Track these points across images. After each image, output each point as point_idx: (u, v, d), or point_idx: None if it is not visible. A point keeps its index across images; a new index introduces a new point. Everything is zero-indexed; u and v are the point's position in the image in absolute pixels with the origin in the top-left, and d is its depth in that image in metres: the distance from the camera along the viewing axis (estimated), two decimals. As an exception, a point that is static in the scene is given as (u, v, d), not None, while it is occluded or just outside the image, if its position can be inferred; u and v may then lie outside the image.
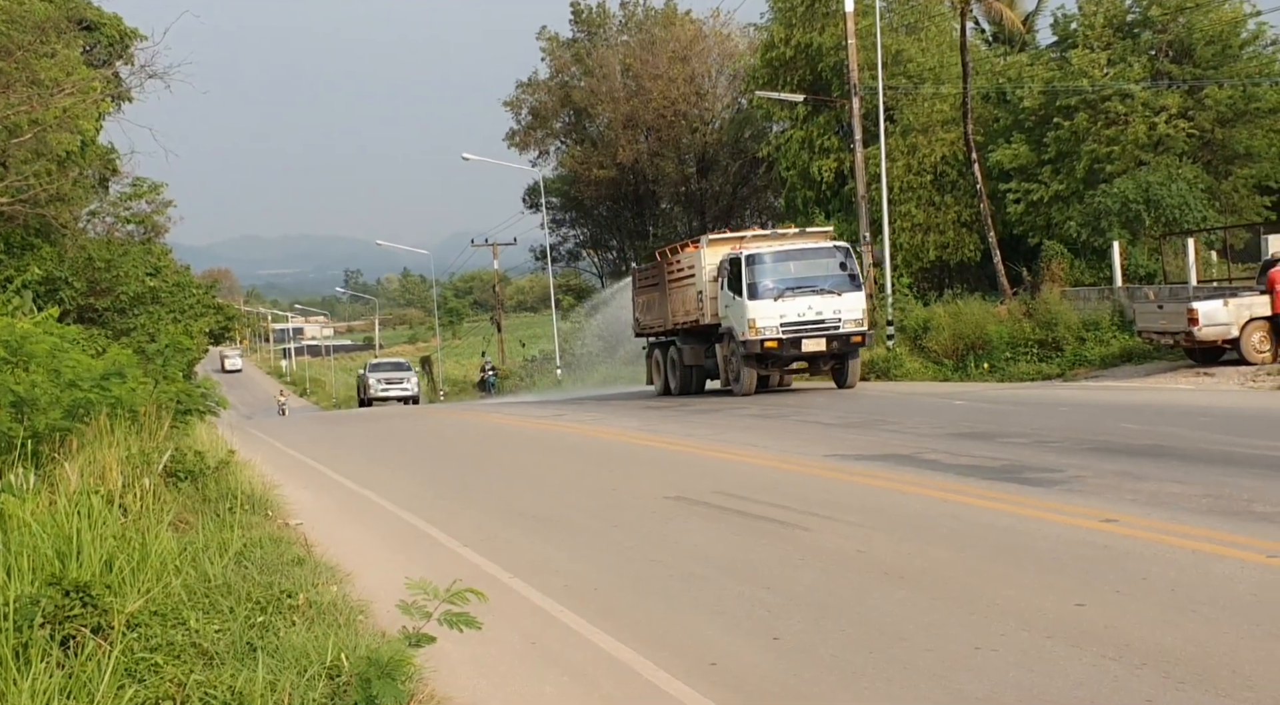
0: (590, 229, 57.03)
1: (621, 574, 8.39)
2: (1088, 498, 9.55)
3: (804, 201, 38.76)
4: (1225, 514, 8.55)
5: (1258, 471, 10.20)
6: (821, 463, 12.92)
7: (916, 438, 14.57)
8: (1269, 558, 7.19)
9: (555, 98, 53.79)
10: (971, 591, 7.04)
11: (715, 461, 14.08)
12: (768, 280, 23.29)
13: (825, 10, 36.96)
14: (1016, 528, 8.71)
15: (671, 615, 7.20)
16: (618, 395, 31.36)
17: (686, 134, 50.21)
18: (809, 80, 37.91)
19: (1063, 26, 34.97)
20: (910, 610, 6.78)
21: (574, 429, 20.99)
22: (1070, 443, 12.86)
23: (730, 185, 51.21)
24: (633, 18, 53.66)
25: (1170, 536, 7.95)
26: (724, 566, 8.25)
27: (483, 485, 13.83)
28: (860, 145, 31.29)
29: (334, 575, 8.21)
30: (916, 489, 10.64)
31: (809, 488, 11.39)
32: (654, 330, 28.86)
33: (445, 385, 61.43)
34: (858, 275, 23.94)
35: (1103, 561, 7.48)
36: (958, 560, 7.89)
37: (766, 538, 9.12)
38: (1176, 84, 31.39)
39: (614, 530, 10.00)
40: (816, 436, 15.81)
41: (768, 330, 23.12)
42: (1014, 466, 11.54)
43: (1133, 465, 11.05)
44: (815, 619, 6.78)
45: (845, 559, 8.14)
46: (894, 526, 9.14)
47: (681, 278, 26.45)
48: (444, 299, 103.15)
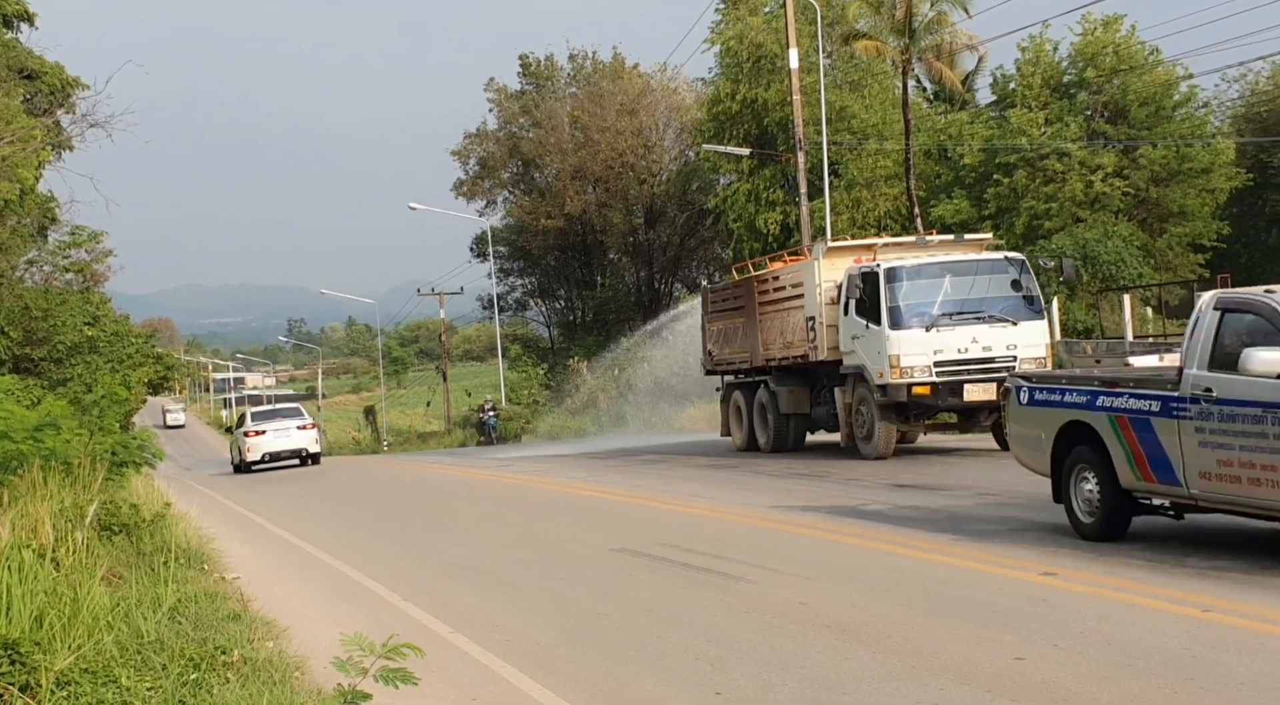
0: (538, 278, 57.07)
1: (563, 628, 8.33)
2: (1028, 550, 9.63)
3: (750, 253, 38.98)
4: (1161, 568, 8.65)
5: (1193, 527, 10.34)
6: (767, 514, 12.94)
7: (862, 489, 14.64)
8: (1203, 612, 7.28)
9: (503, 148, 53.98)
10: (913, 645, 7.06)
11: (660, 513, 14.06)
12: (918, 303, 17.51)
13: (771, 67, 37.49)
14: (957, 579, 8.76)
15: (614, 670, 7.15)
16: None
17: (634, 185, 50.55)
18: (755, 134, 38.37)
19: (1001, 86, 35.71)
20: (852, 664, 6.78)
21: (519, 480, 20.87)
22: (1009, 495, 12.98)
23: (678, 236, 51.52)
24: (581, 70, 54.09)
25: (1107, 590, 8.04)
26: (667, 619, 8.21)
27: (424, 538, 13.69)
28: (805, 199, 31.64)
29: (270, 630, 8.07)
30: (861, 541, 10.68)
31: (754, 539, 11.39)
32: (735, 367, 22.72)
33: (390, 435, 60.91)
34: (1037, 297, 17.92)
35: (1041, 615, 7.53)
36: (899, 613, 7.91)
37: (710, 590, 9.10)
38: (1112, 143, 32.11)
39: (557, 583, 9.93)
40: (763, 487, 15.84)
41: (917, 371, 17.22)
42: (957, 518, 11.62)
43: (1072, 518, 11.16)
44: (758, 673, 6.76)
45: (788, 611, 8.14)
46: (837, 578, 9.16)
47: (781, 299, 20.49)
48: (389, 348, 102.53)
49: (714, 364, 23.72)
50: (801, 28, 32.39)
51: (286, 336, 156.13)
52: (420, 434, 59.91)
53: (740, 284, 22.82)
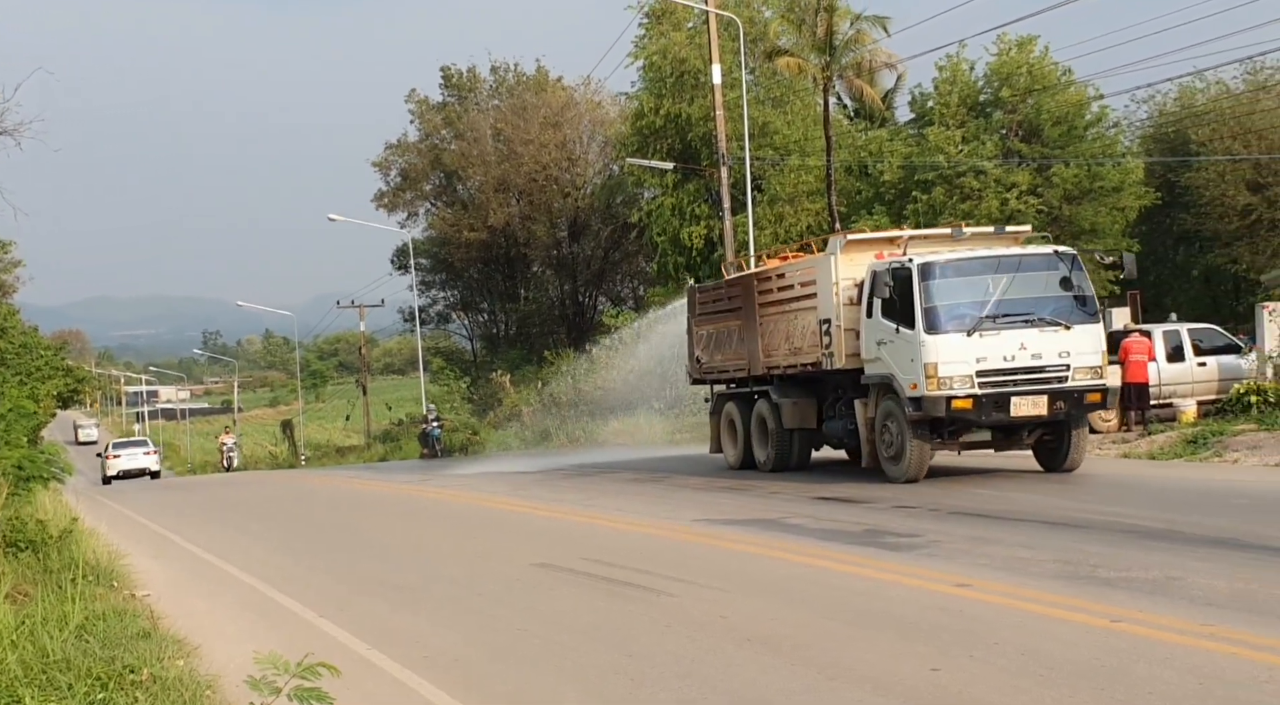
0: (460, 291, 56.70)
1: (484, 644, 8.26)
2: (943, 562, 9.77)
3: (675, 267, 39.22)
4: (1072, 578, 8.82)
5: (1104, 537, 10.56)
6: (689, 528, 12.97)
7: (783, 502, 14.73)
8: (1113, 622, 7.42)
9: (425, 160, 53.60)
10: (831, 656, 7.11)
11: (582, 527, 14.03)
12: (957, 304, 15.20)
13: (694, 82, 37.70)
14: (875, 592, 8.85)
15: (534, 685, 7.11)
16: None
17: (558, 198, 50.50)
18: (679, 149, 38.56)
19: (920, 104, 36.28)
20: (772, 676, 6.81)
21: (440, 494, 20.70)
22: (927, 508, 13.15)
23: (602, 250, 51.54)
24: (503, 83, 53.95)
25: (1021, 601, 8.16)
26: (588, 633, 8.19)
27: (342, 553, 13.51)
28: (729, 214, 31.85)
29: (181, 649, 7.90)
30: (781, 554, 10.74)
31: (676, 553, 11.41)
32: (728, 375, 20.33)
33: (308, 450, 60.10)
34: (1091, 297, 15.67)
35: (957, 626, 7.63)
36: (818, 625, 7.97)
37: (632, 604, 9.10)
38: (1026, 162, 32.76)
39: (478, 599, 9.86)
40: (686, 501, 15.88)
41: (956, 382, 14.82)
42: (875, 531, 11.75)
43: (985, 530, 11.36)
44: (678, 687, 6.76)
45: (709, 625, 8.15)
46: (758, 591, 9.21)
47: (788, 299, 18.12)
48: (307, 361, 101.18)
49: (702, 372, 21.23)
50: (724, 44, 32.64)
51: (201, 349, 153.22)
52: (339, 448, 59.17)
53: (736, 282, 20.13)
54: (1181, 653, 6.66)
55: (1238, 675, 6.17)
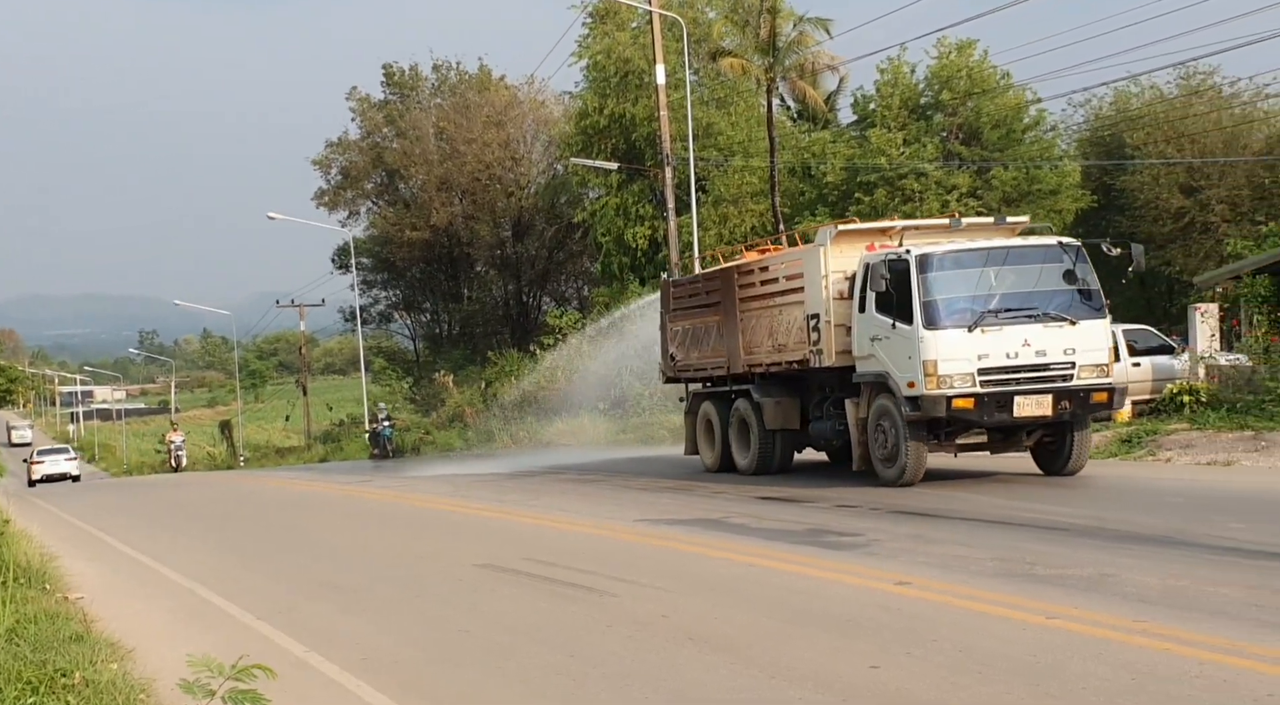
0: (402, 291, 56.33)
1: (425, 645, 8.21)
2: (884, 560, 9.85)
3: (619, 267, 39.24)
4: (1009, 576, 8.93)
5: (1040, 535, 10.71)
6: (632, 528, 12.98)
7: (726, 502, 14.78)
8: (1048, 619, 7.51)
9: (366, 158, 53.19)
10: (772, 655, 7.14)
11: (525, 527, 13.99)
12: (957, 297, 14.43)
13: (638, 82, 37.73)
14: (817, 591, 8.91)
15: (475, 686, 7.08)
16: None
17: (502, 198, 50.30)
18: (623, 149, 38.55)
19: (862, 107, 36.60)
20: (713, 675, 6.83)
21: (383, 495, 20.55)
22: (869, 507, 13.25)
23: (546, 249, 51.41)
24: (445, 81, 53.65)
25: (959, 598, 8.25)
26: (530, 634, 8.17)
27: (281, 555, 13.37)
28: (673, 214, 31.91)
29: (115, 652, 7.78)
30: (723, 553, 10.77)
31: (619, 553, 11.42)
32: (706, 373, 19.37)
33: (247, 450, 59.43)
34: (1097, 291, 14.76)
35: (896, 624, 7.70)
36: (760, 624, 8.00)
37: (574, 604, 9.08)
38: (966, 164, 33.16)
39: (419, 600, 9.80)
40: (630, 501, 15.87)
41: (957, 380, 14.07)
42: (817, 530, 11.83)
43: (926, 529, 11.48)
44: (620, 687, 6.76)
45: (651, 624, 8.16)
46: (700, 591, 9.23)
47: (772, 293, 17.23)
48: (246, 361, 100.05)
49: (677, 370, 20.18)
50: (668, 44, 32.71)
51: (138, 349, 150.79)
52: (279, 449, 58.61)
53: (714, 275, 19.34)
54: (1114, 649, 6.76)
55: (1169, 671, 6.28)
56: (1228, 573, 8.52)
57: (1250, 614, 7.33)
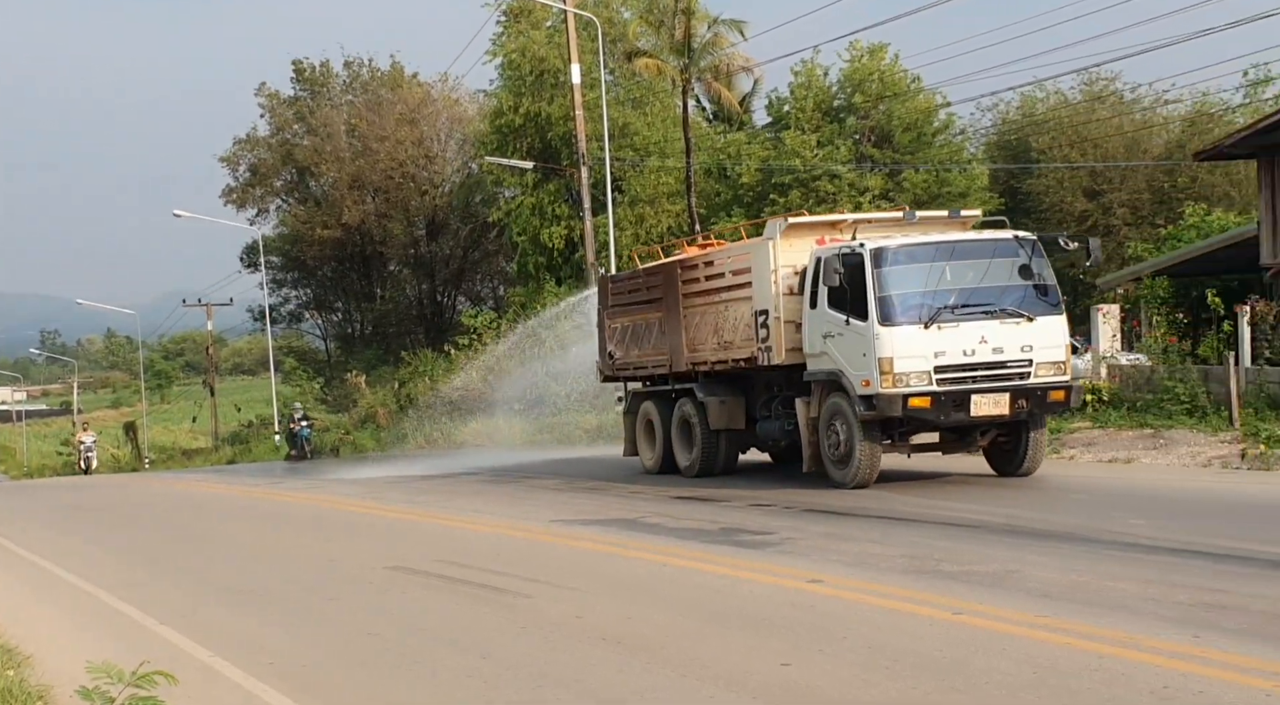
0: (314, 290, 55.50)
1: (334, 649, 8.10)
2: (797, 558, 9.94)
3: (535, 267, 39.10)
4: (918, 573, 9.07)
5: (949, 532, 10.90)
6: (546, 528, 12.94)
7: (642, 502, 14.80)
8: (955, 615, 7.64)
9: (276, 155, 52.35)
10: (685, 655, 7.16)
11: (438, 529, 13.88)
12: (913, 293, 14.00)
13: (554, 81, 37.62)
14: (731, 589, 8.96)
15: (384, 690, 6.99)
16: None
17: (415, 196, 49.82)
18: (539, 148, 38.41)
19: (776, 108, 36.92)
20: (626, 676, 6.83)
21: (291, 497, 20.25)
22: (782, 506, 13.37)
23: (461, 249, 51.02)
24: (357, 78, 53.00)
25: (870, 596, 8.36)
26: (442, 637, 8.09)
27: (187, 559, 13.10)
28: (589, 214, 31.89)
29: (11, 658, 7.58)
30: (638, 553, 10.79)
31: (532, 554, 11.38)
32: (646, 372, 18.75)
33: (152, 452, 58.19)
34: (1053, 287, 14.50)
35: (808, 621, 7.77)
36: (674, 623, 8.02)
37: (487, 606, 9.03)
38: (879, 167, 33.62)
39: (328, 603, 9.66)
40: (544, 501, 15.82)
41: (912, 378, 13.68)
42: (731, 529, 11.90)
43: (838, 527, 11.62)
44: (532, 689, 6.73)
45: (565, 625, 8.14)
46: (614, 591, 9.23)
47: (718, 289, 16.70)
48: (152, 361, 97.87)
49: (616, 369, 19.37)
50: (584, 44, 32.69)
51: (39, 348, 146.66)
52: (185, 451, 57.44)
53: (657, 270, 18.57)
54: (1018, 643, 6.88)
55: (1070, 665, 6.41)
56: (1127, 568, 8.74)
57: (1148, 608, 7.51)
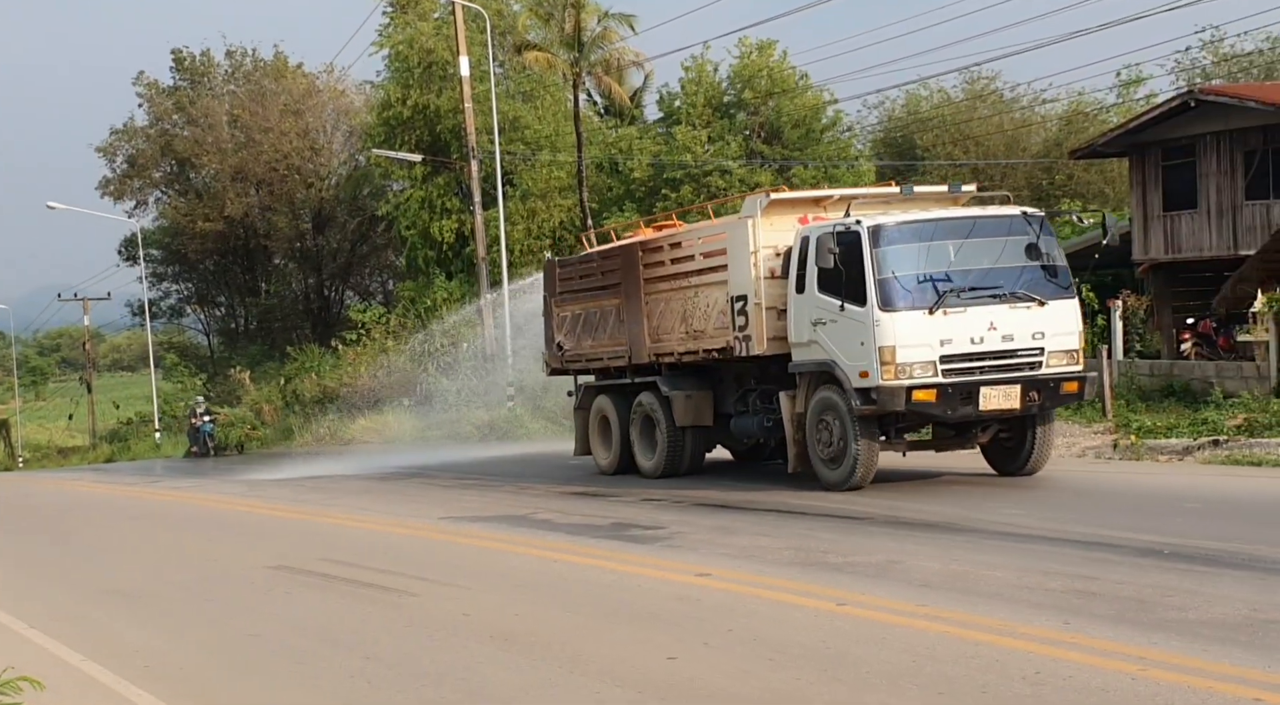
0: (195, 284, 54.16)
1: (213, 651, 7.93)
2: (685, 553, 10.00)
3: (425, 261, 38.70)
4: (804, 565, 9.19)
5: (834, 524, 11.06)
6: (435, 525, 12.82)
7: (532, 498, 14.73)
8: (839, 606, 7.75)
9: (155, 146, 50.92)
10: (573, 651, 7.15)
11: (324, 527, 13.66)
12: (915, 275, 12.63)
13: (442, 73, 37.22)
14: (619, 584, 8.97)
15: (265, 692, 6.87)
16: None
17: (301, 189, 48.91)
18: (428, 141, 37.99)
19: (667, 104, 37.05)
20: (514, 673, 6.80)
21: (173, 496, 19.76)
22: (672, 501, 13.42)
23: (348, 242, 50.23)
24: (240, 68, 51.80)
25: (756, 588, 8.44)
26: (326, 637, 7.97)
27: (59, 560, 12.71)
28: (480, 208, 31.65)
29: None
30: (527, 550, 10.75)
31: (420, 551, 11.27)
32: (601, 364, 17.01)
33: (25, 451, 56.30)
34: (1064, 268, 13.16)
35: (695, 615, 7.82)
36: (562, 620, 8.01)
37: (372, 605, 8.91)
38: (769, 162, 33.96)
39: (207, 604, 9.46)
40: (434, 499, 15.66)
41: (916, 369, 12.35)
42: (621, 524, 11.92)
43: (727, 521, 11.70)
44: (417, 688, 6.66)
45: (452, 623, 8.07)
46: (503, 588, 9.18)
47: (687, 273, 15.23)
48: (25, 357, 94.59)
49: (565, 361, 17.69)
50: (472, 36, 32.43)
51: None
52: (61, 449, 55.70)
53: (614, 253, 16.93)
54: (898, 633, 7.01)
55: (947, 653, 6.55)
56: (1004, 557, 8.96)
57: (1023, 596, 7.71)
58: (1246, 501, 11.15)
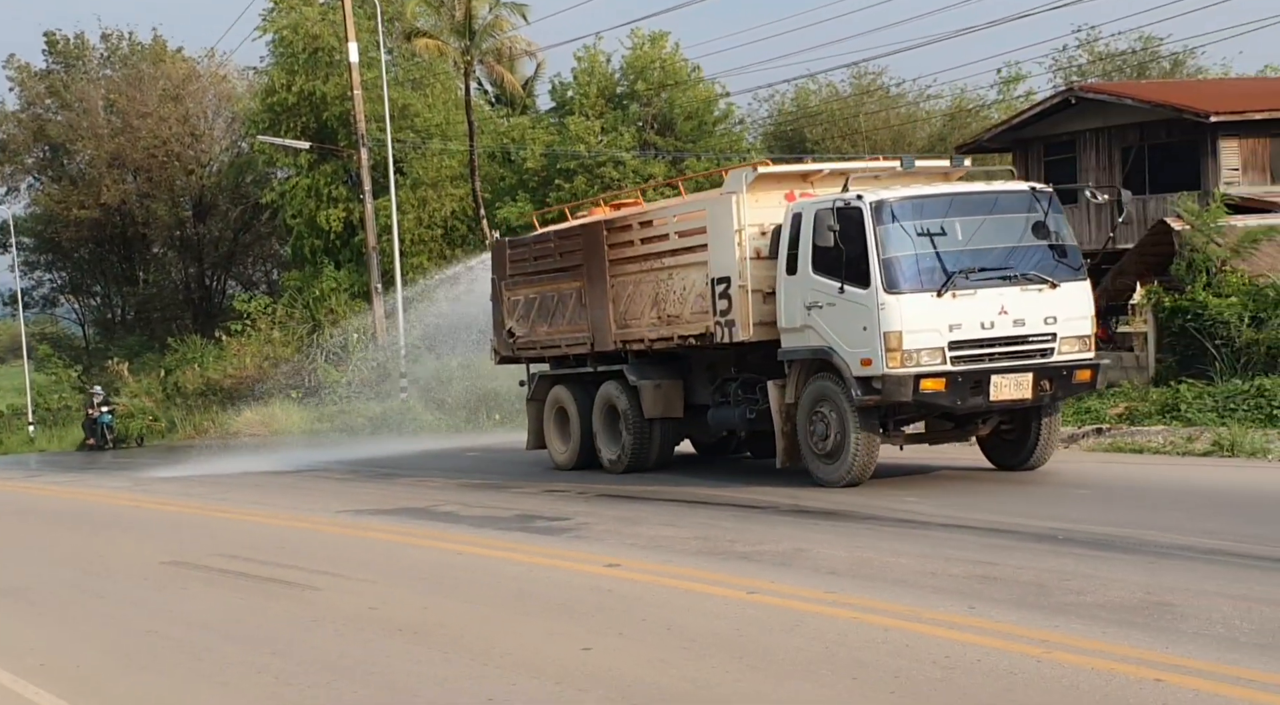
0: (70, 273, 52.44)
1: (112, 649, 7.71)
2: (593, 543, 10.01)
3: (312, 250, 38.05)
4: (711, 554, 9.27)
5: (738, 514, 11.17)
6: (334, 519, 12.63)
7: (433, 491, 14.59)
8: (749, 594, 7.84)
9: (27, 131, 49.14)
10: (485, 643, 7.11)
11: (219, 521, 13.36)
12: (921, 255, 11.72)
13: (329, 60, 36.61)
14: (528, 576, 8.94)
15: (167, 689, 6.70)
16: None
17: (181, 176, 47.65)
18: (314, 128, 37.34)
19: (560, 94, 36.95)
20: (425, 667, 6.73)
21: (51, 491, 19.13)
22: (575, 492, 13.42)
23: (231, 231, 49.09)
24: (116, 51, 50.22)
25: (665, 577, 8.49)
26: (227, 633, 7.81)
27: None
28: (370, 196, 31.20)
29: None
30: (431, 542, 10.65)
31: (321, 545, 11.10)
32: (558, 352, 15.95)
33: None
34: (1074, 247, 12.39)
35: (607, 605, 7.84)
36: (472, 612, 7.96)
37: (275, 600, 8.75)
38: (662, 154, 34.09)
39: (101, 601, 9.21)
40: (329, 492, 15.42)
41: (924, 356, 11.46)
42: (526, 516, 11.88)
43: (632, 511, 11.74)
44: (326, 682, 6.56)
45: (358, 618, 7.96)
46: (408, 582, 9.09)
47: (660, 253, 14.11)
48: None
49: (517, 348, 16.51)
50: (360, 22, 31.96)
51: None
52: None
53: (574, 233, 15.69)
54: (810, 620, 7.12)
55: (858, 639, 6.66)
56: (906, 544, 9.15)
57: (927, 582, 7.89)
58: (1131, 487, 11.54)
